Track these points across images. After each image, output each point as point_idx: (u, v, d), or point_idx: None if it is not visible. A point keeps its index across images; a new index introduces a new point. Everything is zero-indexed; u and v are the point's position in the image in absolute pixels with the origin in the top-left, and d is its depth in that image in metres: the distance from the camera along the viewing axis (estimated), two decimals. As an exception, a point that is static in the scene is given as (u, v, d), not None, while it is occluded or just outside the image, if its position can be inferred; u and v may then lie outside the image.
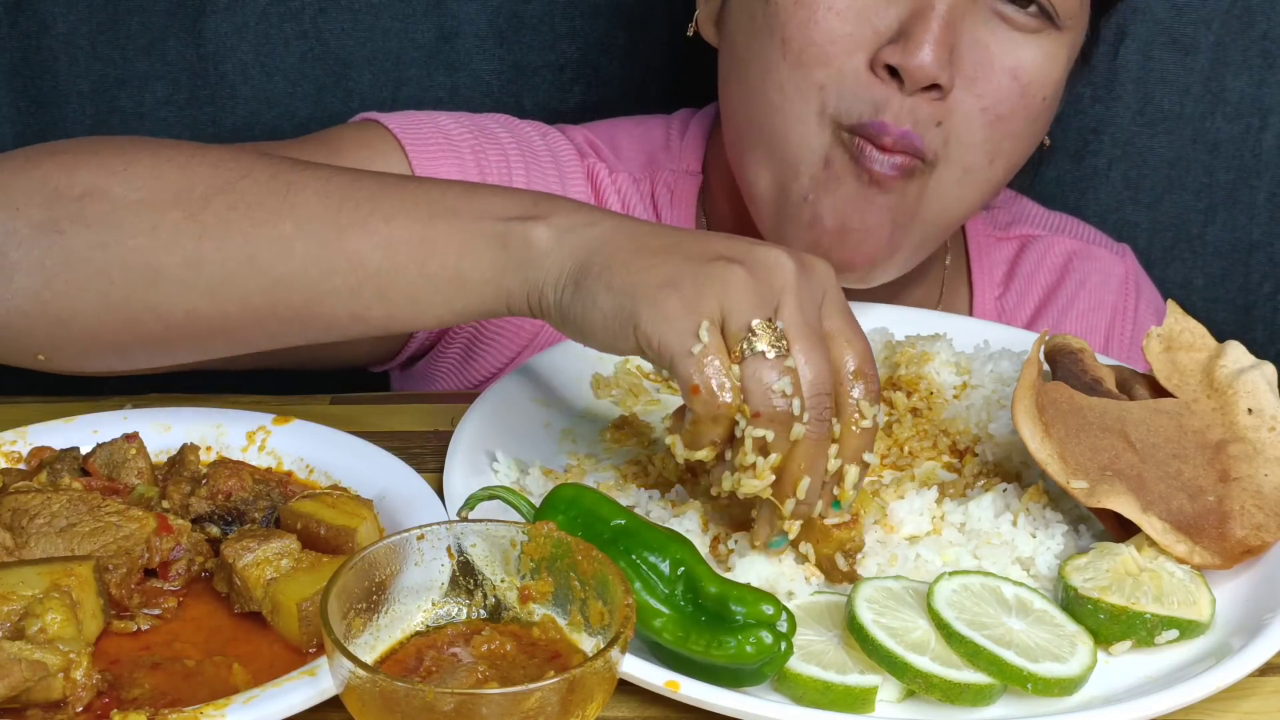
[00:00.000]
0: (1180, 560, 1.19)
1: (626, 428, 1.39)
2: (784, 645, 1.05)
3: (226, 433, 1.32)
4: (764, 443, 1.10)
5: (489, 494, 1.14)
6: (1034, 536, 1.23)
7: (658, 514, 1.24)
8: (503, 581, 1.07)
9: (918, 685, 1.09)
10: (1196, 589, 1.18)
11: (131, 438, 1.25)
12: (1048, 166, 2.02)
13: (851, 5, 1.45)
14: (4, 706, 1.00)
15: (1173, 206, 2.05)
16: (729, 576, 1.14)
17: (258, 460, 1.31)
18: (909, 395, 1.40)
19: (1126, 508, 1.20)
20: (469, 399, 1.39)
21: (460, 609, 1.07)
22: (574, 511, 1.12)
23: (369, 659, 1.02)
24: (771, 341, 1.10)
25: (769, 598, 1.07)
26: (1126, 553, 1.19)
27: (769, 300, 1.12)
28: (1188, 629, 1.15)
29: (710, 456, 1.13)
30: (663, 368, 1.12)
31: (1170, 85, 1.98)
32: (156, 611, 1.13)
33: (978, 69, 1.46)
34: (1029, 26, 1.47)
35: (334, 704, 1.01)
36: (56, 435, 1.30)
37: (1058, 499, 1.28)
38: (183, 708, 1.01)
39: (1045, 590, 1.19)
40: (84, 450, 1.26)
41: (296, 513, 1.18)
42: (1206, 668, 1.11)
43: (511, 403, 1.40)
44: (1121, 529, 1.23)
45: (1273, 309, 2.09)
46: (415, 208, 1.21)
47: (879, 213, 1.47)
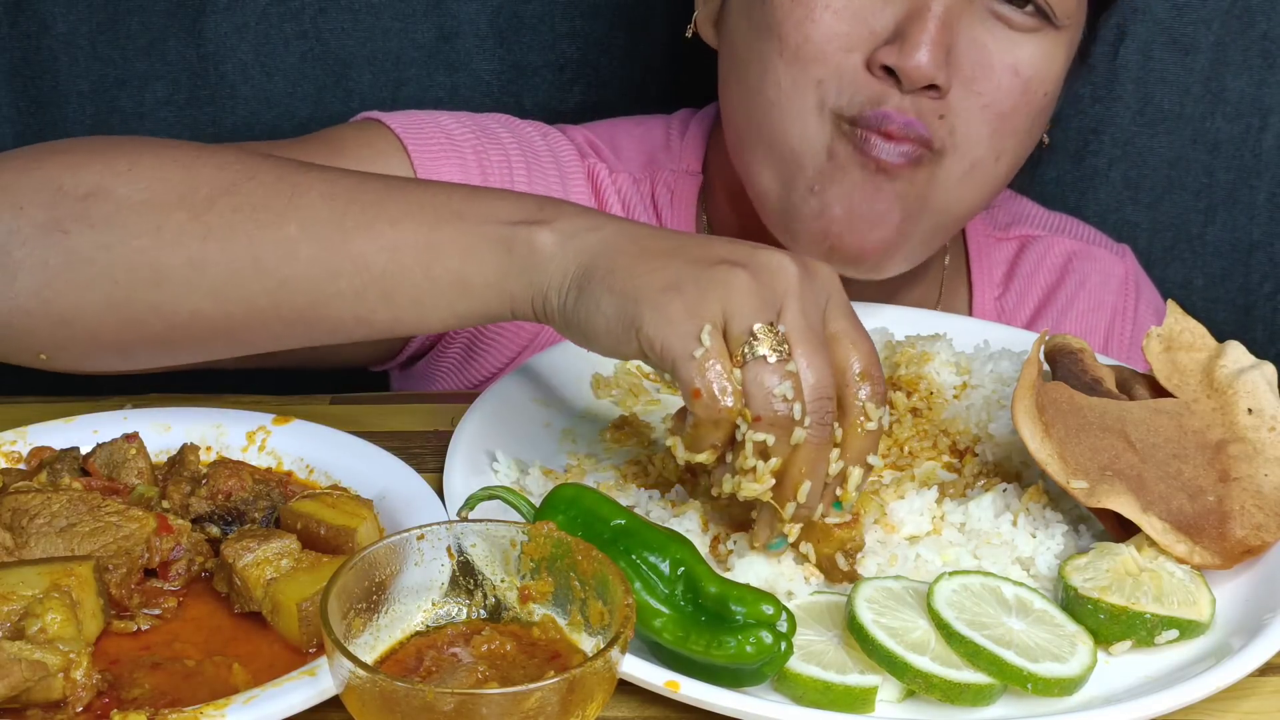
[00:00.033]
0: (1180, 560, 1.19)
1: (626, 428, 1.39)
2: (784, 645, 1.05)
3: (226, 433, 1.32)
4: (765, 447, 1.10)
5: (489, 494, 1.14)
6: (1034, 536, 1.23)
7: (658, 514, 1.24)
8: (503, 581, 1.07)
9: (918, 685, 1.09)
10: (1196, 589, 1.18)
11: (131, 438, 1.25)
12: (1047, 167, 2.02)
13: (848, 5, 1.45)
14: (4, 706, 1.00)
15: (1173, 206, 2.05)
16: (729, 576, 1.14)
17: (258, 460, 1.31)
18: (909, 395, 1.40)
19: (1126, 508, 1.20)
20: (469, 399, 1.39)
21: (460, 609, 1.07)
22: (574, 511, 1.12)
23: (369, 659, 1.02)
24: (773, 345, 1.10)
25: (769, 598, 1.07)
26: (1126, 553, 1.19)
27: (771, 304, 1.12)
28: (1188, 629, 1.15)
29: (711, 459, 1.13)
30: (665, 371, 1.12)
31: (1170, 85, 1.98)
32: (156, 611, 1.13)
33: (976, 68, 1.46)
34: (1027, 25, 1.48)
35: (334, 704, 1.01)
36: (56, 435, 1.30)
37: (1058, 499, 1.28)
38: (183, 708, 1.02)
39: (1045, 590, 1.19)
40: (84, 450, 1.26)
41: (296, 513, 1.18)
42: (1206, 668, 1.11)
43: (511, 403, 1.40)
44: (1121, 529, 1.23)
45: (1273, 309, 2.09)
46: (420, 211, 1.21)
47: (888, 199, 1.47)
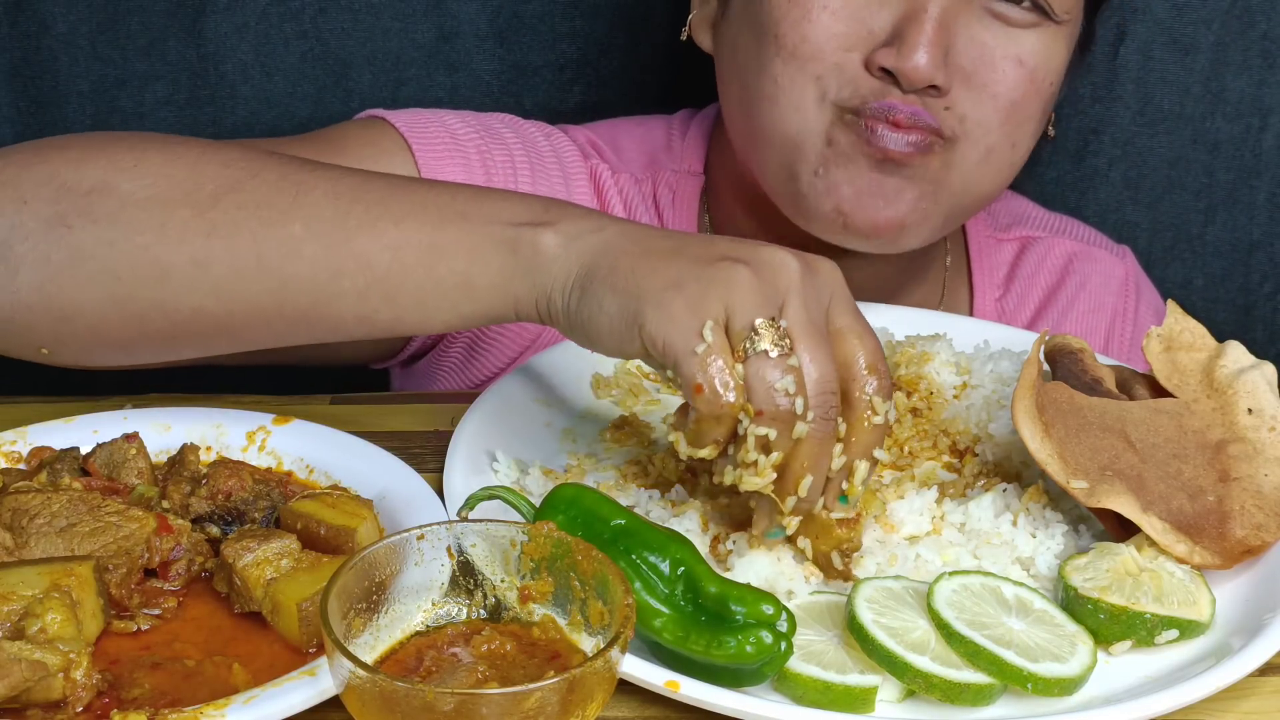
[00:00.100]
0: (1180, 560, 1.19)
1: (626, 428, 1.39)
2: (784, 645, 1.05)
3: (226, 433, 1.32)
4: (766, 441, 1.10)
5: (489, 494, 1.14)
6: (1034, 536, 1.23)
7: (658, 514, 1.24)
8: (503, 581, 1.07)
9: (918, 685, 1.09)
10: (1196, 589, 1.18)
11: (131, 438, 1.25)
12: (1047, 166, 2.02)
13: (846, 5, 1.46)
14: (4, 706, 1.00)
15: (1173, 206, 2.05)
16: (729, 576, 1.14)
17: (258, 460, 1.31)
18: (909, 395, 1.40)
19: (1126, 508, 1.20)
20: (469, 399, 1.39)
21: (460, 609, 1.07)
22: (574, 511, 1.12)
23: (369, 659, 1.02)
24: (774, 340, 1.10)
25: (769, 598, 1.07)
26: (1126, 553, 1.19)
27: (773, 300, 1.12)
28: (1188, 629, 1.15)
29: (713, 455, 1.13)
30: (668, 368, 1.12)
31: (1170, 85, 1.98)
32: (156, 611, 1.13)
33: (978, 64, 1.47)
34: (1025, 21, 1.48)
35: (334, 704, 1.01)
36: (56, 435, 1.30)
37: (1058, 499, 1.28)
38: (183, 708, 1.02)
39: (1045, 590, 1.19)
40: (84, 450, 1.26)
41: (296, 513, 1.18)
42: (1206, 668, 1.11)
43: (512, 403, 1.40)
44: (1121, 529, 1.23)
45: (1273, 309, 2.09)
46: (425, 211, 1.21)
47: (898, 181, 1.48)
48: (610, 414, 1.42)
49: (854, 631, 1.10)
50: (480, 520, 1.07)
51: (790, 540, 1.19)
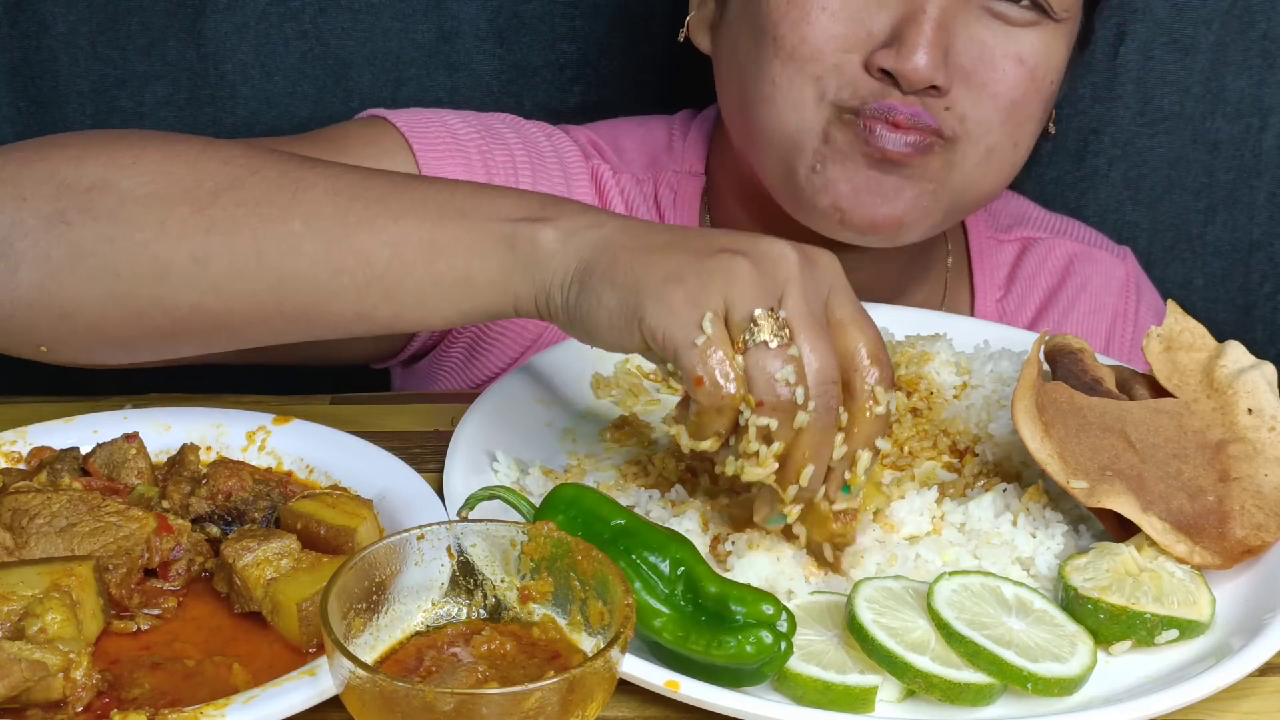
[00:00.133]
0: (1180, 560, 1.19)
1: (626, 428, 1.39)
2: (784, 645, 1.05)
3: (226, 433, 1.32)
4: (767, 431, 1.10)
5: (489, 494, 1.14)
6: (1034, 536, 1.23)
7: (658, 514, 1.24)
8: (503, 581, 1.07)
9: (918, 685, 1.09)
10: (1196, 589, 1.18)
11: (131, 438, 1.25)
12: (1047, 167, 2.02)
13: (844, 6, 1.46)
14: (4, 706, 1.00)
15: (1173, 206, 2.05)
16: (729, 576, 1.14)
17: (258, 460, 1.31)
18: (909, 395, 1.40)
19: (1126, 508, 1.20)
20: (469, 399, 1.39)
21: (460, 609, 1.07)
22: (574, 511, 1.12)
23: (369, 659, 1.02)
24: (774, 331, 1.10)
25: (769, 598, 1.07)
26: (1126, 553, 1.19)
27: (772, 291, 1.12)
28: (1188, 629, 1.15)
29: (715, 447, 1.13)
30: (668, 361, 1.12)
31: (1170, 85, 1.98)
32: (156, 611, 1.13)
33: (978, 64, 1.47)
34: (1025, 20, 1.49)
35: (334, 704, 1.01)
36: (56, 435, 1.30)
37: (1058, 499, 1.28)
38: (183, 708, 1.02)
39: (1045, 590, 1.19)
40: (84, 450, 1.26)
41: (296, 513, 1.18)
42: (1206, 668, 1.11)
43: (512, 403, 1.40)
44: (1121, 529, 1.23)
45: (1273, 309, 2.09)
46: (424, 208, 1.21)
47: (895, 180, 1.48)
48: (610, 414, 1.42)
49: (854, 631, 1.10)
50: (480, 520, 1.07)
51: (790, 537, 1.19)
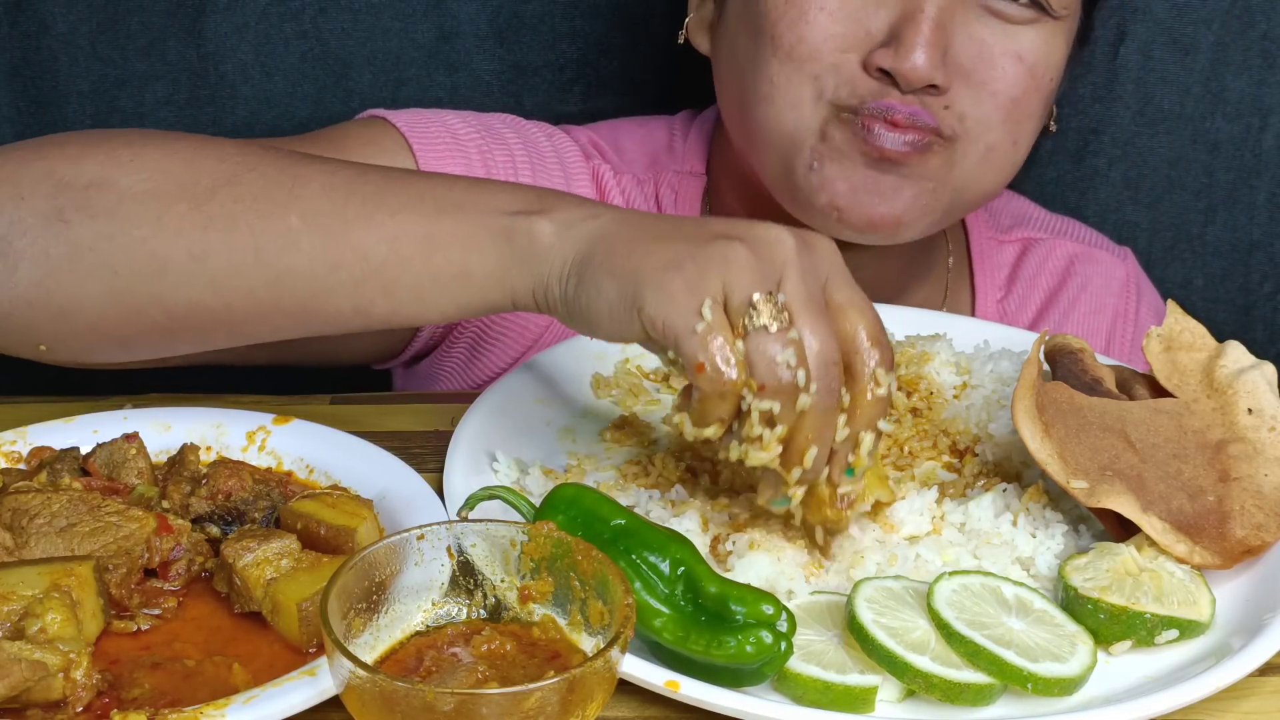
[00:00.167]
0: (1180, 560, 1.19)
1: (626, 428, 1.39)
2: (784, 645, 1.05)
3: (226, 433, 1.32)
4: (770, 414, 1.10)
5: (489, 494, 1.14)
6: (1034, 536, 1.23)
7: (658, 514, 1.24)
8: (503, 581, 1.07)
9: (918, 685, 1.09)
10: (1196, 589, 1.18)
11: (131, 438, 1.25)
12: (1047, 167, 2.02)
13: (842, 6, 1.46)
14: (4, 706, 1.00)
15: (1173, 206, 2.05)
16: (729, 576, 1.14)
17: (258, 460, 1.31)
18: (909, 395, 1.40)
19: (1126, 508, 1.20)
20: (469, 399, 1.39)
21: (460, 609, 1.07)
22: (574, 511, 1.12)
23: (369, 659, 1.02)
24: (773, 314, 1.10)
25: (769, 598, 1.07)
26: (1126, 553, 1.19)
27: (770, 276, 1.12)
28: (1188, 629, 1.15)
29: (718, 434, 1.13)
30: (668, 349, 1.12)
31: (1170, 85, 1.98)
32: (156, 611, 1.13)
33: (977, 62, 1.47)
34: (1024, 18, 1.49)
35: (334, 704, 1.01)
36: (56, 435, 1.30)
37: (1058, 499, 1.28)
38: (183, 708, 1.01)
39: (1045, 590, 1.19)
40: (84, 450, 1.26)
41: (296, 513, 1.18)
42: (1206, 668, 1.11)
43: (512, 403, 1.40)
44: (1121, 529, 1.23)
45: (1273, 309, 2.09)
46: (421, 203, 1.22)
47: (894, 179, 1.48)
48: (610, 414, 1.42)
49: (854, 631, 1.10)
50: (480, 520, 1.07)
51: (786, 518, 1.19)
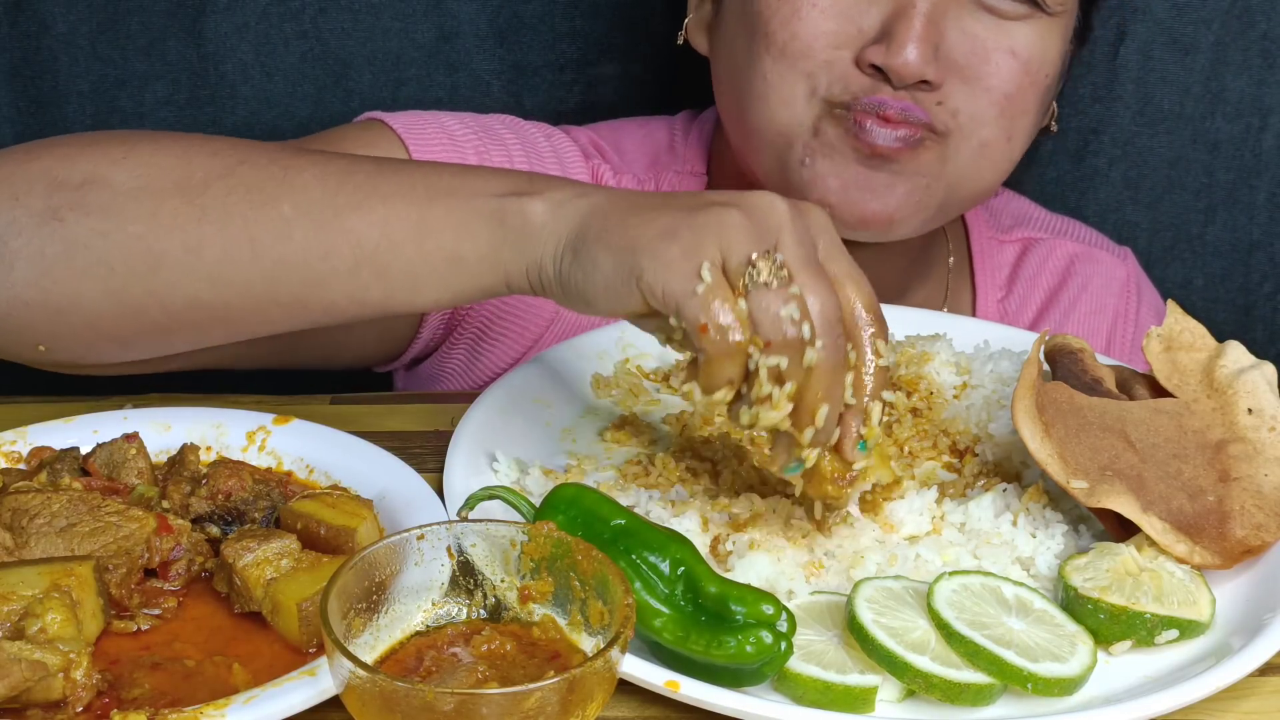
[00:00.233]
0: (1180, 560, 1.19)
1: (626, 428, 1.39)
2: (784, 645, 1.05)
3: (226, 433, 1.32)
4: (778, 371, 1.10)
5: (489, 494, 1.14)
6: (1034, 536, 1.23)
7: (658, 514, 1.24)
8: (503, 581, 1.07)
9: (918, 685, 1.09)
10: (1196, 589, 1.18)
11: (131, 438, 1.25)
12: (1047, 166, 2.02)
13: (835, 3, 1.47)
14: (4, 706, 1.00)
15: (1173, 206, 2.05)
16: (729, 576, 1.14)
17: (258, 460, 1.31)
18: (909, 395, 1.40)
19: (1126, 508, 1.20)
20: (469, 399, 1.39)
21: (460, 609, 1.07)
22: (574, 511, 1.12)
23: (369, 659, 1.02)
24: (773, 271, 1.11)
25: (769, 598, 1.07)
26: (1126, 553, 1.19)
27: (766, 238, 1.12)
28: (1188, 629, 1.15)
29: (728, 397, 1.12)
30: (670, 316, 1.12)
31: (1170, 85, 1.98)
32: (156, 611, 1.13)
33: (971, 58, 1.48)
34: (1018, 14, 1.49)
35: (334, 704, 1.01)
36: (56, 435, 1.30)
37: (1058, 499, 1.28)
38: (183, 708, 1.02)
39: (1045, 590, 1.19)
40: (84, 450, 1.26)
41: (296, 513, 1.18)
42: (1206, 668, 1.11)
43: (512, 403, 1.40)
44: (1121, 529, 1.23)
45: (1273, 309, 2.09)
46: (412, 189, 1.22)
47: (886, 176, 1.48)
48: (610, 414, 1.42)
49: (854, 631, 1.10)
50: (480, 520, 1.07)
51: (790, 538, 1.19)
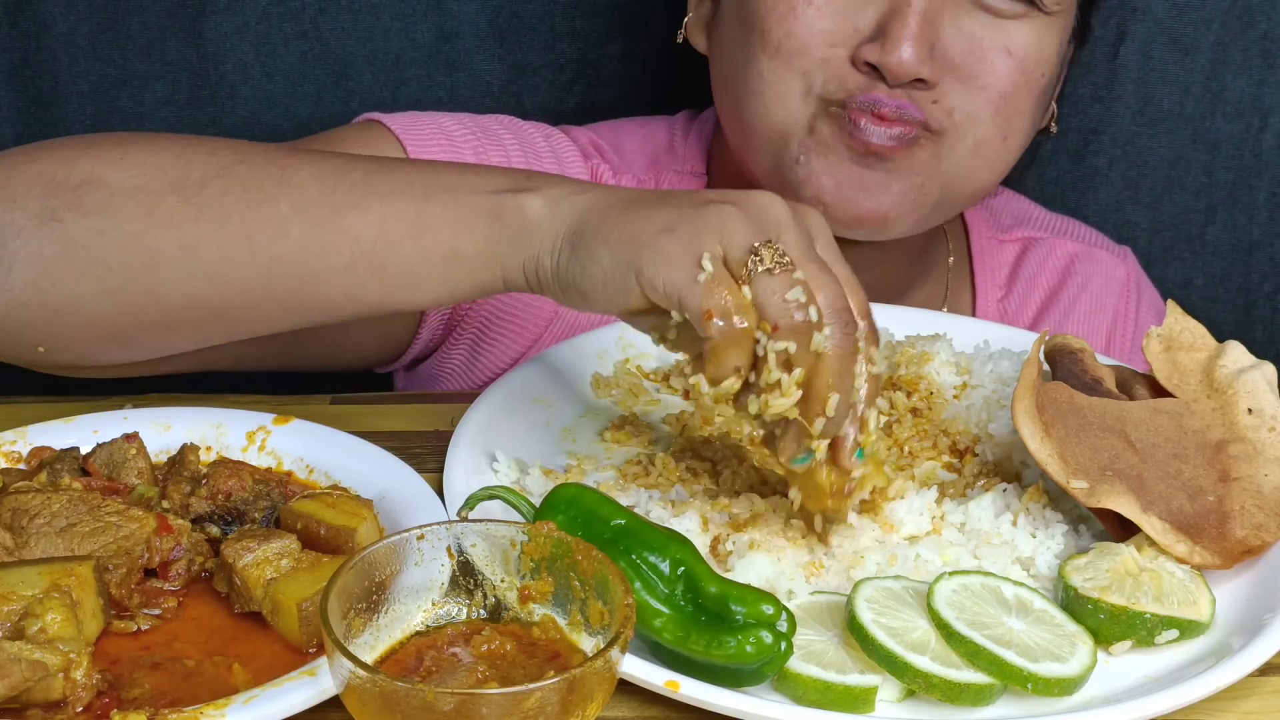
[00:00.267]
0: (1180, 560, 1.19)
1: (626, 428, 1.39)
2: (784, 645, 1.05)
3: (226, 433, 1.32)
4: (787, 356, 1.10)
5: (489, 494, 1.14)
6: (1034, 536, 1.23)
7: (658, 514, 1.24)
8: (503, 581, 1.07)
9: (918, 685, 1.09)
10: (1196, 589, 1.18)
11: (131, 438, 1.25)
12: (1047, 166, 2.02)
13: (831, 1, 1.47)
14: (4, 706, 1.00)
15: (1173, 206, 2.05)
16: (729, 576, 1.14)
17: (258, 460, 1.31)
18: (909, 395, 1.40)
19: (1126, 508, 1.20)
20: (469, 399, 1.39)
21: (460, 609, 1.07)
22: (574, 511, 1.12)
23: (369, 659, 1.02)
24: (776, 258, 1.10)
25: (769, 598, 1.07)
26: (1126, 553, 1.19)
27: (765, 233, 1.12)
28: (1188, 629, 1.15)
29: (736, 386, 1.12)
30: (671, 308, 1.12)
31: (1170, 85, 1.99)
32: (156, 611, 1.13)
33: (967, 57, 1.48)
34: (1014, 12, 1.49)
35: (334, 704, 1.01)
36: (56, 435, 1.30)
37: (1058, 499, 1.28)
38: (183, 708, 1.01)
39: (1045, 590, 1.19)
40: (84, 450, 1.26)
41: (296, 513, 1.18)
42: (1206, 668, 1.11)
43: (512, 402, 1.40)
44: (1121, 529, 1.23)
45: (1273, 309, 2.09)
46: (410, 187, 1.23)
47: (880, 175, 1.49)
48: (610, 414, 1.42)
49: (854, 631, 1.10)
50: (480, 520, 1.07)
51: (783, 494, 1.18)
